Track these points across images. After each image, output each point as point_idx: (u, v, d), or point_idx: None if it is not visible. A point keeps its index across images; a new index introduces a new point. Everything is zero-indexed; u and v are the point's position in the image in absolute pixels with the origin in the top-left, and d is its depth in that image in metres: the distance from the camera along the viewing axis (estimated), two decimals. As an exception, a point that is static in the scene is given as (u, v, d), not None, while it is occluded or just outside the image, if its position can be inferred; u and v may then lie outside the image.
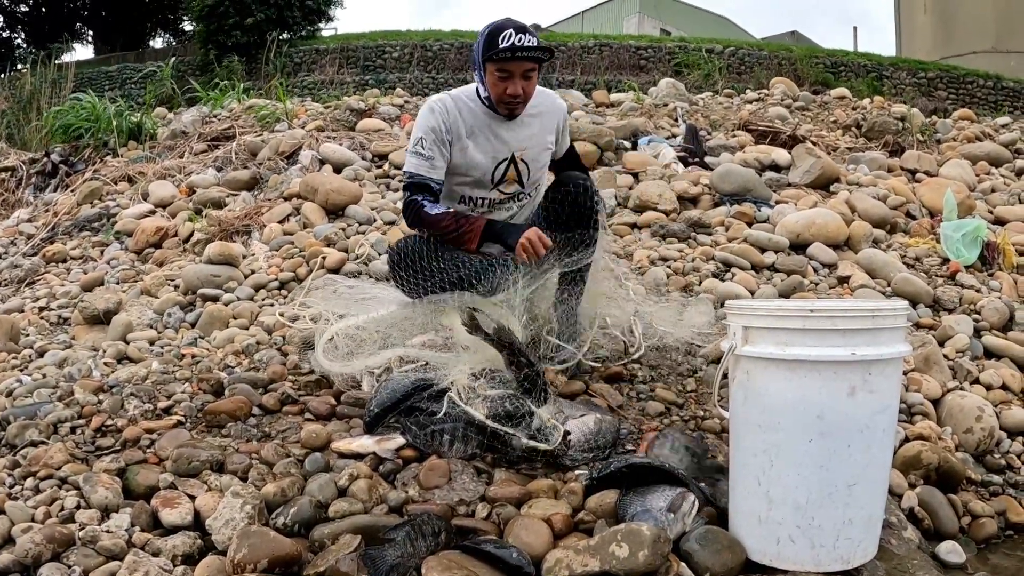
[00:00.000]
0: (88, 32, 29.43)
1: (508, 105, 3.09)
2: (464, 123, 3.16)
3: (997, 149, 7.51)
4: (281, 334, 3.73)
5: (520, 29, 2.98)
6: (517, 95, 3.05)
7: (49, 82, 10.24)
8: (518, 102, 3.09)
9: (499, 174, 3.25)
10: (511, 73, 3.01)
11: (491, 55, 2.97)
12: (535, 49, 2.97)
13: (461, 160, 3.18)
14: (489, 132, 3.19)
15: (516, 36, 2.95)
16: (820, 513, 2.20)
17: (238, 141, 7.14)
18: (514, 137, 3.22)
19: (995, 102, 17.52)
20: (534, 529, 2.27)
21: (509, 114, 3.14)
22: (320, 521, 2.32)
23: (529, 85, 3.08)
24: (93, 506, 2.34)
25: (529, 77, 3.06)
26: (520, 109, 3.14)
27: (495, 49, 2.96)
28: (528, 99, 3.13)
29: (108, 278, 4.86)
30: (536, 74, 3.10)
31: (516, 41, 2.94)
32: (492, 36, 2.99)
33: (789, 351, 2.17)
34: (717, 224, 5.13)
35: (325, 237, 4.81)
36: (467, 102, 3.18)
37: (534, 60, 3.02)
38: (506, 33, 2.96)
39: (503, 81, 3.03)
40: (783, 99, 9.65)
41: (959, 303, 4.32)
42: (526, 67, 3.02)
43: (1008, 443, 3.37)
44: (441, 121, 3.12)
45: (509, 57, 2.96)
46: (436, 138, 3.11)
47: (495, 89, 3.06)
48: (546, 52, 3.04)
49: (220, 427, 2.85)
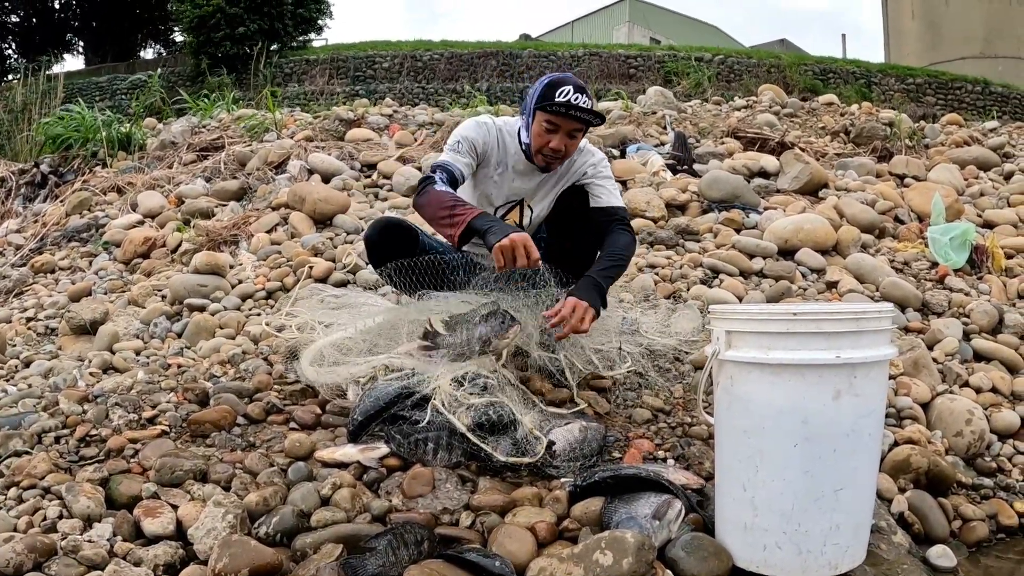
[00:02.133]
0: (79, 43, 29.44)
1: (547, 158, 3.12)
2: (498, 153, 3.22)
3: (985, 153, 7.52)
4: (267, 344, 3.71)
5: (579, 89, 3.02)
6: (559, 150, 3.08)
7: (39, 93, 10.22)
8: (557, 157, 3.12)
9: (502, 212, 3.31)
10: (558, 128, 3.04)
11: (545, 105, 3.01)
12: (589, 112, 3.01)
13: (479, 185, 3.26)
14: (512, 175, 3.25)
15: (574, 95, 2.98)
16: (806, 519, 2.19)
17: (227, 151, 7.13)
18: (531, 188, 3.28)
19: (983, 107, 17.64)
20: (518, 537, 2.25)
21: (544, 167, 3.18)
22: (302, 530, 2.30)
23: (572, 144, 3.11)
24: (76, 516, 2.31)
25: (574, 137, 3.10)
26: (556, 165, 3.18)
27: (551, 101, 2.99)
28: (567, 157, 3.17)
29: (96, 288, 4.83)
30: (581, 135, 3.14)
31: (573, 99, 2.97)
32: (551, 87, 3.03)
33: (772, 355, 2.16)
34: (705, 231, 5.13)
35: (312, 247, 4.80)
36: (507, 137, 3.23)
37: (584, 122, 3.06)
38: (565, 88, 2.99)
39: (549, 133, 3.06)
40: (771, 106, 9.68)
41: (948, 307, 4.31)
42: (574, 126, 3.05)
43: (999, 446, 3.36)
44: (482, 140, 3.18)
45: (562, 112, 2.99)
46: (471, 148, 3.15)
47: (539, 139, 3.09)
48: (597, 117, 3.07)
49: (204, 437, 2.83)
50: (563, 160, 3.17)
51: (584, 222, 3.22)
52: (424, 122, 8.29)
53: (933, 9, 27.47)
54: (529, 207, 3.32)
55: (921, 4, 27.97)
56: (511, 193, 3.28)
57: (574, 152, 3.19)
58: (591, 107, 3.02)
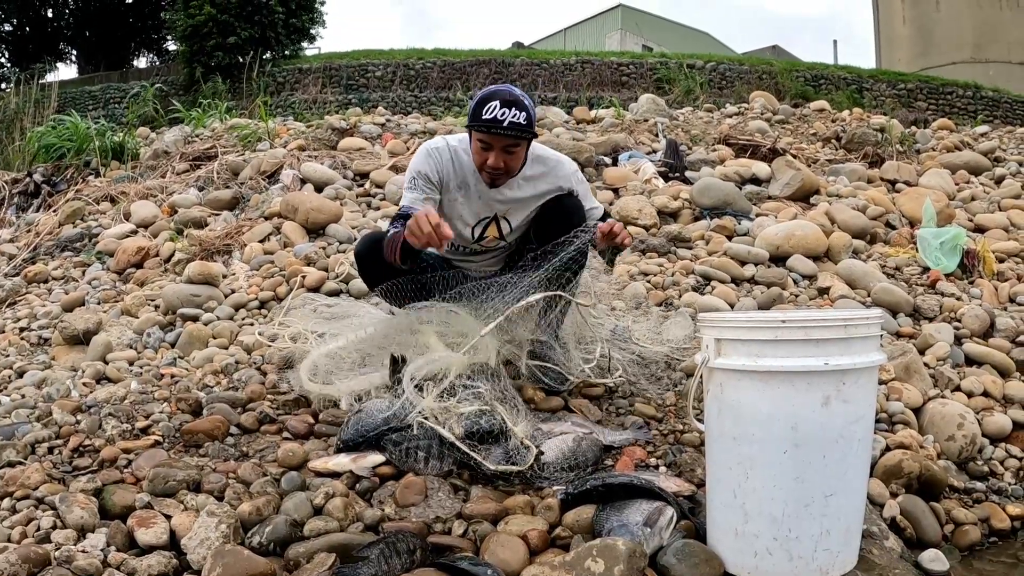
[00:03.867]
0: (72, 52, 29.44)
1: (490, 175, 3.03)
2: (456, 176, 3.13)
3: (976, 158, 7.56)
4: (260, 353, 3.71)
5: (508, 103, 2.87)
6: (498, 168, 2.98)
7: (32, 102, 10.22)
8: (499, 174, 3.02)
9: (479, 231, 3.24)
10: (491, 146, 2.94)
11: (474, 124, 2.92)
12: (516, 128, 2.88)
13: (448, 210, 3.16)
14: (476, 190, 3.15)
15: (500, 110, 2.85)
16: (797, 525, 2.20)
17: (220, 161, 7.13)
18: (500, 200, 3.18)
19: (974, 111, 17.71)
20: (510, 546, 2.26)
21: (490, 183, 3.08)
22: (295, 540, 2.30)
23: (512, 160, 3.00)
24: (69, 526, 2.32)
25: (511, 152, 2.98)
26: (502, 180, 3.08)
27: (478, 119, 2.89)
28: (511, 172, 3.06)
29: (89, 298, 4.83)
30: (521, 150, 3.03)
31: (499, 115, 2.85)
32: (479, 104, 2.91)
33: (761, 362, 2.17)
34: (697, 238, 5.15)
35: (305, 256, 4.80)
36: (463, 155, 3.12)
37: (516, 138, 2.94)
38: (492, 105, 2.87)
39: (484, 152, 2.97)
40: (763, 113, 9.71)
41: (939, 311, 4.32)
42: (507, 142, 2.94)
43: (991, 450, 3.36)
44: (435, 169, 3.09)
45: (487, 131, 2.89)
46: (426, 182, 3.07)
47: (477, 157, 3.01)
48: (527, 132, 2.93)
49: (198, 447, 2.84)
50: (509, 175, 3.07)
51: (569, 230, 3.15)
52: (417, 131, 8.28)
53: (924, 14, 27.56)
54: (505, 220, 3.23)
55: (912, 9, 28.06)
56: (482, 210, 3.19)
57: (517, 166, 3.07)
58: (520, 120, 2.87)
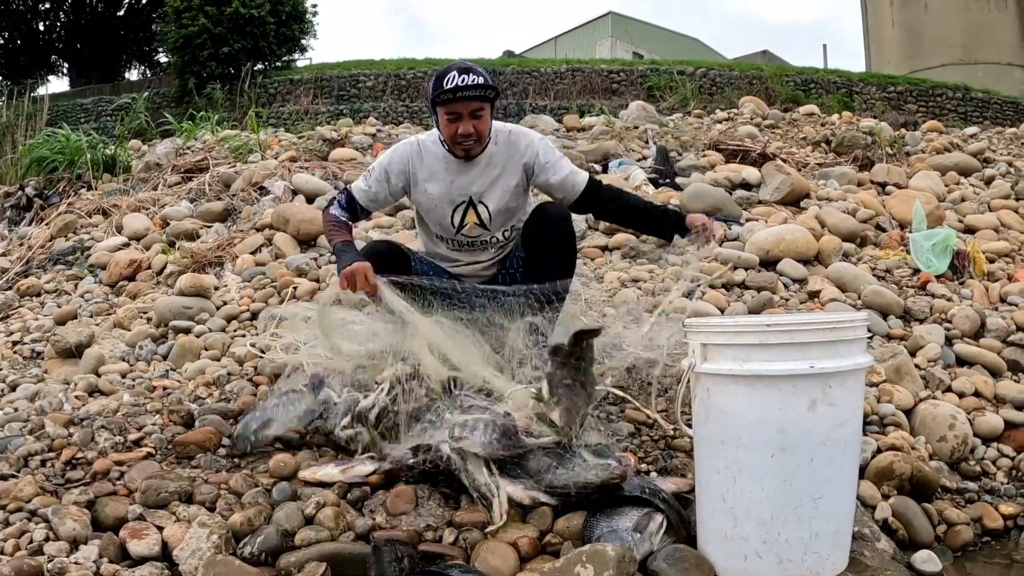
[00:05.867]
0: (63, 64, 29.42)
1: (462, 146, 3.15)
2: (424, 167, 3.26)
3: (966, 159, 7.57)
4: (252, 365, 3.72)
5: (464, 70, 3.04)
6: (469, 134, 3.10)
7: (24, 115, 10.22)
8: (471, 141, 3.13)
9: (458, 219, 3.31)
10: (459, 114, 3.07)
11: (436, 98, 3.05)
12: (478, 88, 3.03)
13: (424, 201, 3.29)
14: (447, 175, 3.26)
15: (460, 77, 3.00)
16: (786, 528, 2.21)
17: (211, 173, 7.13)
18: (472, 181, 3.27)
19: (964, 113, 17.76)
20: (501, 553, 2.27)
21: (466, 155, 3.19)
22: (287, 549, 2.32)
23: (480, 123, 3.12)
24: (62, 538, 2.34)
25: (479, 116, 3.10)
26: (476, 148, 3.19)
27: (440, 91, 3.03)
28: (482, 137, 3.17)
29: (81, 311, 4.83)
30: (487, 112, 3.14)
31: (460, 82, 3.00)
32: (438, 80, 3.06)
33: (747, 367, 2.19)
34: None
35: (296, 267, 4.81)
36: (430, 146, 3.27)
37: (480, 99, 3.07)
38: (450, 75, 3.03)
39: (453, 123, 3.09)
40: (753, 118, 9.73)
41: (930, 313, 4.32)
42: (473, 107, 3.07)
43: (983, 450, 3.36)
44: (398, 160, 3.28)
45: (453, 98, 3.02)
46: (383, 176, 3.27)
47: (447, 131, 3.13)
48: (490, 89, 3.08)
49: (190, 458, 2.85)
50: (480, 140, 3.17)
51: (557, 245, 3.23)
52: (408, 141, 8.28)
53: (913, 17, 27.67)
54: (483, 204, 3.29)
55: (901, 12, 28.17)
56: (456, 195, 3.27)
57: (486, 130, 3.17)
58: (480, 82, 3.02)
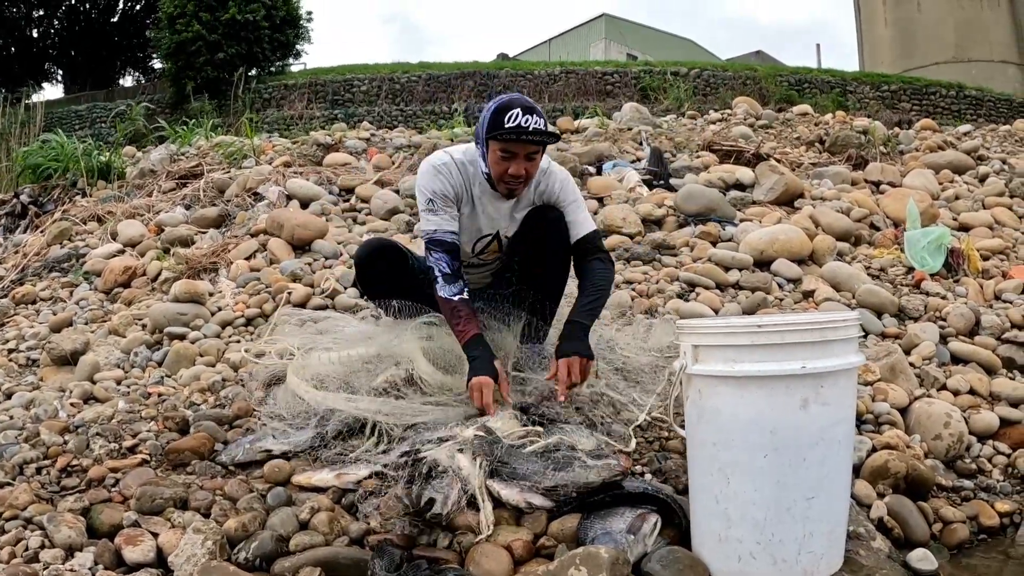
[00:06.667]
0: (58, 71, 29.41)
1: (508, 185, 3.00)
2: (465, 191, 3.11)
3: (960, 157, 7.60)
4: (247, 371, 3.72)
5: (528, 110, 2.87)
6: (520, 176, 2.95)
7: (19, 122, 10.20)
8: (519, 182, 2.99)
9: (480, 247, 3.24)
10: (514, 154, 2.92)
11: (496, 134, 2.88)
12: (541, 133, 2.88)
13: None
14: (482, 206, 3.14)
15: (523, 117, 2.84)
16: (780, 528, 2.21)
17: (206, 179, 7.12)
18: (503, 216, 3.18)
19: (958, 111, 17.81)
20: (495, 556, 2.27)
21: (508, 194, 3.06)
22: (281, 555, 2.32)
23: (532, 166, 2.98)
24: (57, 545, 2.34)
25: (532, 159, 2.96)
26: (521, 190, 3.06)
27: (500, 129, 2.86)
28: (530, 180, 3.04)
29: (77, 319, 4.83)
30: (540, 156, 3.01)
31: (523, 123, 2.84)
32: (498, 114, 2.89)
33: (738, 367, 2.19)
34: (682, 245, 5.16)
35: (291, 272, 4.80)
36: (469, 168, 3.11)
37: (539, 144, 2.94)
38: (513, 112, 2.86)
39: (505, 161, 2.93)
40: (746, 118, 9.75)
41: (924, 311, 4.33)
42: (530, 149, 2.93)
43: (978, 447, 3.35)
44: (449, 185, 3.07)
45: (514, 139, 2.87)
46: (444, 201, 3.07)
47: (496, 168, 2.97)
48: (551, 137, 2.95)
49: (184, 465, 2.85)
50: (527, 183, 3.04)
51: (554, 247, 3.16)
52: (402, 145, 8.29)
53: (906, 16, 27.75)
54: (506, 238, 3.23)
55: (894, 11, 28.25)
56: (486, 226, 3.19)
57: (535, 173, 3.06)
58: (543, 126, 2.89)
